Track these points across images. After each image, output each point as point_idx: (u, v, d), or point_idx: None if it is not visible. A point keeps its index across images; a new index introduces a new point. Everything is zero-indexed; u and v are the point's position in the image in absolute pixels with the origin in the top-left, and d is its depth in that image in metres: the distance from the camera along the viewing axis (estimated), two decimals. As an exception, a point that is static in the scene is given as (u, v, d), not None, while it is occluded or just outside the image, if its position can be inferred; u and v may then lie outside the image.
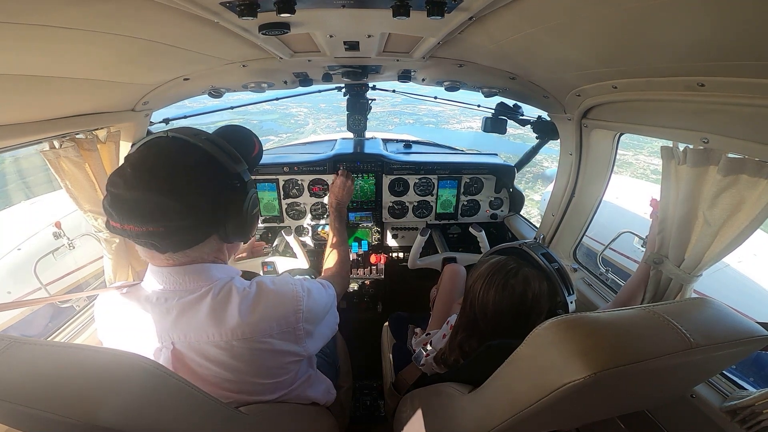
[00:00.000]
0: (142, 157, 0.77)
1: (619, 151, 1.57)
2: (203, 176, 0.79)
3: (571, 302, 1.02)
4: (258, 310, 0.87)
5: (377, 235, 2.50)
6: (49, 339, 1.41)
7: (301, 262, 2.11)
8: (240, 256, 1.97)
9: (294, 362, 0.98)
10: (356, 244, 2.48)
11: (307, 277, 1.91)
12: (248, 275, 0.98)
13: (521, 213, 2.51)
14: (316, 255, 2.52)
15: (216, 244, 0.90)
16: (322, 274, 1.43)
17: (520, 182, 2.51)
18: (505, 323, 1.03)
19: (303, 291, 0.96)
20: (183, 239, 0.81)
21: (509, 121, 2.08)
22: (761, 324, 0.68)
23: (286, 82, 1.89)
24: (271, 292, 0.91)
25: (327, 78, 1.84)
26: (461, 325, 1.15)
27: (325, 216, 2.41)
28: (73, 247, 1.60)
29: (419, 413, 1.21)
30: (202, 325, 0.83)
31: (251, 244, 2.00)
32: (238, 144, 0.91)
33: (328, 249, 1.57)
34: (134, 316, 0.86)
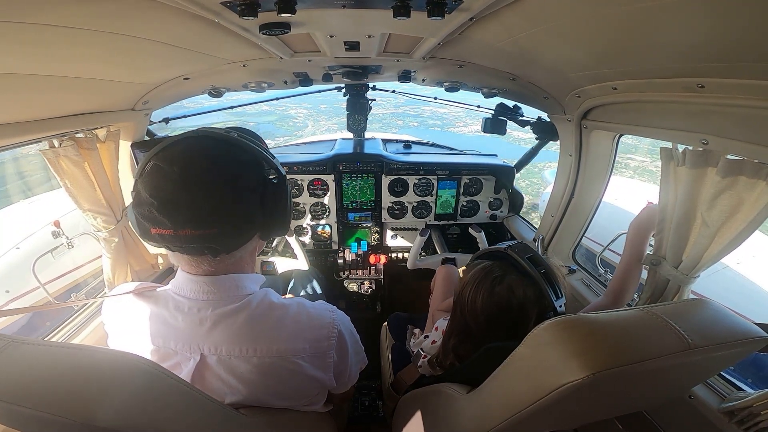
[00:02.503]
0: (186, 156, 0.71)
1: (639, 158, 1.58)
2: (252, 172, 0.77)
3: (560, 306, 1.01)
4: (295, 328, 0.85)
5: (376, 236, 2.50)
6: (47, 339, 1.41)
7: (301, 262, 2.11)
8: None
9: (314, 387, 0.94)
10: (356, 244, 2.48)
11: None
12: None
13: (520, 213, 2.52)
14: (315, 255, 2.52)
15: (255, 243, 0.88)
16: None
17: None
18: (497, 328, 1.03)
19: (340, 324, 0.93)
20: (235, 239, 0.78)
21: (522, 128, 2.08)
22: (759, 325, 0.68)
23: (286, 82, 1.90)
24: (310, 315, 0.89)
25: (327, 78, 1.84)
26: (453, 330, 1.15)
27: (325, 215, 2.41)
28: (72, 246, 1.60)
29: (418, 414, 1.21)
30: (238, 338, 0.80)
31: None
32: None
33: None
34: (159, 323, 0.83)
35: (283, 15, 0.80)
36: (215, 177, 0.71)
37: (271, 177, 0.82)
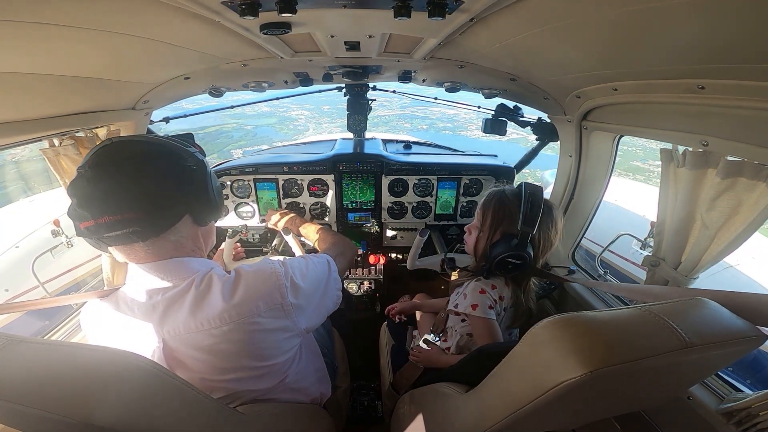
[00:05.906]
0: (97, 158, 0.80)
1: (656, 163, 1.57)
2: (161, 160, 0.84)
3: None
4: (239, 292, 0.88)
5: (376, 236, 2.50)
6: (45, 337, 1.41)
7: None
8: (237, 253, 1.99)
9: (288, 339, 0.97)
10: (355, 244, 2.47)
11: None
12: None
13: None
14: (314, 255, 2.52)
15: (191, 228, 0.92)
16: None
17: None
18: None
19: (281, 267, 0.97)
20: (157, 220, 0.83)
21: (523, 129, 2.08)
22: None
23: (286, 82, 1.90)
24: (250, 274, 0.93)
25: (327, 78, 1.84)
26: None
27: (326, 215, 2.41)
28: (72, 245, 1.60)
29: (417, 413, 1.21)
30: (191, 316, 0.84)
31: (231, 249, 2.03)
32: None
33: (312, 235, 1.70)
34: (123, 319, 0.87)
35: (283, 15, 0.80)
36: (122, 167, 0.79)
37: (189, 163, 0.88)
